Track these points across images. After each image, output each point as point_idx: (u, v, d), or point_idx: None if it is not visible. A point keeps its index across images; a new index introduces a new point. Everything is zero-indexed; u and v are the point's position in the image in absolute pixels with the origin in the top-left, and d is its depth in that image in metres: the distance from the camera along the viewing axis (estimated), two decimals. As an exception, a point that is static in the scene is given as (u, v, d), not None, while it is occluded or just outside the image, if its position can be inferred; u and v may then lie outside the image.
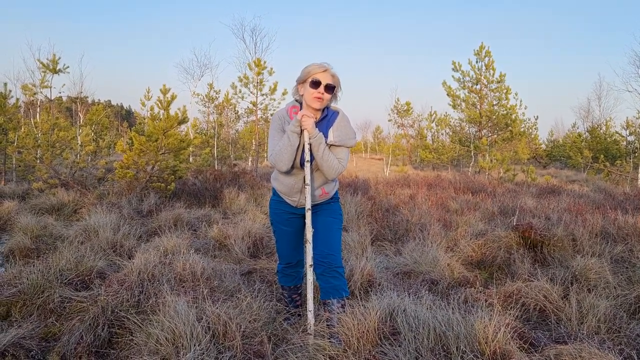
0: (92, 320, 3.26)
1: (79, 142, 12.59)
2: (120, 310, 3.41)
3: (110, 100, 76.85)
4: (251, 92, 17.76)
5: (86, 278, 4.26)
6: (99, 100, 50.20)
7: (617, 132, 25.23)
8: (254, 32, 21.84)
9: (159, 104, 9.61)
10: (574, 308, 3.60)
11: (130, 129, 42.00)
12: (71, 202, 8.50)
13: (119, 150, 9.92)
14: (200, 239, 6.37)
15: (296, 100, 3.25)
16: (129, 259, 4.86)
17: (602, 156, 19.64)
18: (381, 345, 2.87)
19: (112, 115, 51.06)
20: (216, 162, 21.40)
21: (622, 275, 4.78)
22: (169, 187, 9.29)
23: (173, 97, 9.72)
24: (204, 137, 22.97)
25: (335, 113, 3.22)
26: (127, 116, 73.88)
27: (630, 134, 23.19)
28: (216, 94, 26.37)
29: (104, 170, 11.44)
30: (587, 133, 27.72)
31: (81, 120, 22.11)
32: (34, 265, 4.16)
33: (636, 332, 3.39)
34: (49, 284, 3.89)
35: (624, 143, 25.48)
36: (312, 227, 3.15)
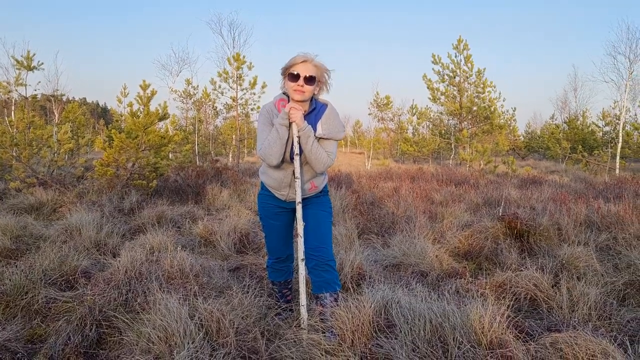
0: (79, 320, 3.18)
1: (55, 140, 12.35)
2: (108, 310, 3.34)
3: (85, 98, 75.36)
4: (231, 87, 17.63)
5: (71, 278, 4.17)
6: (73, 97, 49.36)
7: (594, 123, 25.65)
8: (232, 26, 21.59)
9: (139, 100, 9.45)
10: (564, 296, 3.62)
11: (107, 126, 41.38)
12: (50, 201, 8.32)
13: (98, 147, 9.73)
14: (185, 235, 6.29)
15: (284, 93, 3.19)
16: (114, 257, 4.76)
17: (580, 147, 19.93)
18: (377, 338, 2.84)
19: (88, 113, 50.21)
20: (197, 158, 21.21)
21: (608, 262, 4.84)
22: (150, 184, 9.15)
23: (153, 93, 9.57)
24: (183, 133, 22.71)
25: (324, 106, 3.18)
26: (103, 114, 72.66)
27: (607, 124, 23.59)
28: (194, 89, 26.08)
29: (82, 169, 11.24)
30: (564, 124, 28.08)
31: (57, 119, 21.71)
32: (16, 266, 4.06)
33: (627, 319, 3.44)
34: (33, 285, 3.80)
35: (600, 133, 25.94)
36: (303, 221, 3.11)
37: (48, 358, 2.90)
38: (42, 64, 14.41)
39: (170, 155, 17.95)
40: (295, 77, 2.96)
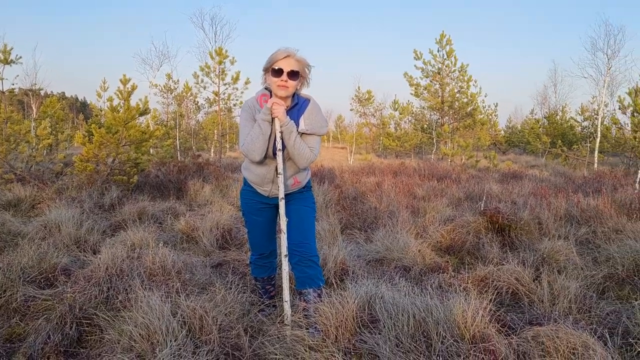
0: (59, 318, 3.13)
1: (34, 135, 12.12)
2: (88, 308, 3.29)
3: (64, 92, 73.93)
4: (213, 82, 17.48)
5: (50, 275, 4.10)
6: (51, 92, 48.54)
7: (572, 118, 25.96)
8: (214, 20, 21.41)
9: (119, 95, 9.33)
10: (545, 290, 3.66)
11: (87, 121, 40.75)
12: (28, 197, 8.18)
13: (77, 142, 9.60)
14: (167, 232, 6.23)
15: (266, 89, 3.16)
16: (94, 254, 4.70)
17: (559, 141, 20.15)
18: (360, 334, 2.85)
19: (67, 107, 49.41)
20: (179, 153, 21.03)
21: (587, 256, 4.91)
22: (131, 180, 9.05)
23: (133, 88, 9.45)
24: (164, 128, 22.47)
25: (307, 101, 3.15)
26: (82, 108, 71.55)
27: (585, 119, 23.88)
28: (175, 84, 25.78)
29: (62, 165, 11.07)
30: (544, 119, 28.38)
31: (35, 113, 21.35)
32: (-7, 264, 3.98)
33: (606, 311, 3.49)
34: (11, 283, 3.72)
35: (579, 128, 26.27)
36: (286, 217, 3.10)
37: (27, 357, 2.85)
38: (20, 57, 14.20)
39: (151, 151, 17.76)
40: (278, 73, 2.94)
